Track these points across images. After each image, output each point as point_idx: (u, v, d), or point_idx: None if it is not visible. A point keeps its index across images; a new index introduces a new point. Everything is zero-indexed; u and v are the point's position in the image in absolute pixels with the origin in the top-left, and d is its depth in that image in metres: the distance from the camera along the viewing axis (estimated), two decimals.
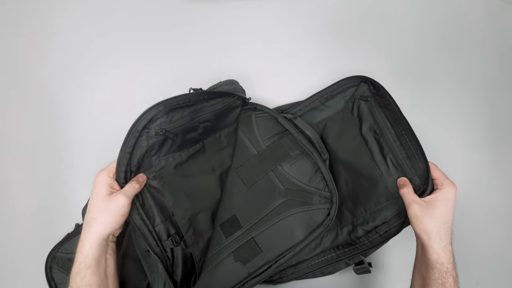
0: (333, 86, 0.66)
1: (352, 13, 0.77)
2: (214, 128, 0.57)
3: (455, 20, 0.77)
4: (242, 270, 0.56)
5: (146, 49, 0.75)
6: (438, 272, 0.44)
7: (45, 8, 0.77)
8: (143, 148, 0.49)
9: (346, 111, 0.64)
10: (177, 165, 0.53)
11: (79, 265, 0.44)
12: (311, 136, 0.61)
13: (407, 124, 0.55)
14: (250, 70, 0.73)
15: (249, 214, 0.58)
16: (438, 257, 0.45)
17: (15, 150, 0.73)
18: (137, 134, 0.48)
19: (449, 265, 0.45)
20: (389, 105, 0.58)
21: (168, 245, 0.51)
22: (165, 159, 0.51)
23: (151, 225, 0.51)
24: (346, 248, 0.60)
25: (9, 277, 0.70)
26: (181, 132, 0.51)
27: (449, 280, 0.44)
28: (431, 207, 0.47)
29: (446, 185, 0.49)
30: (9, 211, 0.71)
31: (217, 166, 0.58)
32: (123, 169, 0.49)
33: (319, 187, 0.60)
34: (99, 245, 0.45)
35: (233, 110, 0.60)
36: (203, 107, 0.53)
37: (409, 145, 0.55)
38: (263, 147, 0.62)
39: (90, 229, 0.45)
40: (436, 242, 0.45)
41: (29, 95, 0.74)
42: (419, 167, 0.54)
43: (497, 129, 0.74)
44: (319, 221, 0.58)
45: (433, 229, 0.45)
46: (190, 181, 0.54)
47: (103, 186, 0.47)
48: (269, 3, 0.76)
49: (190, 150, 0.54)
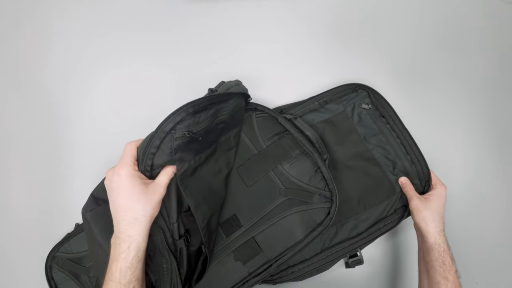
0: (333, 90, 0.68)
1: (352, 13, 0.77)
2: (226, 128, 0.57)
3: (455, 20, 0.77)
4: (242, 269, 0.56)
5: (146, 49, 0.75)
6: (437, 253, 0.55)
7: (45, 8, 0.77)
8: (167, 150, 0.47)
9: (345, 116, 0.67)
10: (197, 167, 0.52)
11: (132, 259, 0.43)
12: (311, 136, 0.62)
13: (409, 134, 0.65)
14: (250, 70, 0.73)
15: (249, 213, 0.59)
16: (435, 240, 0.56)
17: (15, 150, 0.73)
18: (163, 135, 0.46)
19: (445, 245, 0.56)
20: (391, 116, 0.66)
21: (180, 245, 0.52)
22: (188, 163, 0.50)
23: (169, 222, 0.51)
24: (346, 243, 0.62)
25: (9, 277, 0.70)
26: (204, 133, 0.50)
27: (447, 258, 0.55)
28: (428, 201, 0.59)
29: (439, 186, 0.62)
30: (9, 211, 0.71)
31: (224, 167, 0.59)
32: (148, 169, 0.48)
33: (319, 186, 0.60)
34: (147, 237, 0.45)
35: (242, 110, 0.61)
36: (222, 108, 0.53)
37: (413, 152, 0.64)
38: (263, 147, 0.62)
39: (138, 223, 0.44)
40: (432, 228, 0.57)
41: (29, 95, 0.74)
42: (421, 171, 0.64)
43: (497, 129, 0.74)
44: (319, 220, 0.58)
45: (429, 217, 0.57)
46: (205, 183, 0.54)
47: (136, 176, 0.46)
48: (269, 2, 0.76)
49: (208, 152, 0.54)
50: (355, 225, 0.64)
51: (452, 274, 0.54)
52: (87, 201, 0.59)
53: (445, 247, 0.56)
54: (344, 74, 0.74)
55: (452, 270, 0.54)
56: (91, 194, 0.60)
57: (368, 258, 0.67)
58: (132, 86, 0.74)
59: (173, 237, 0.51)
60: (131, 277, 0.43)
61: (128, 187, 0.45)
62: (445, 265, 0.54)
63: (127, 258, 0.43)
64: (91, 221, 0.57)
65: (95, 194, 0.60)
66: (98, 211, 0.59)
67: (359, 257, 0.63)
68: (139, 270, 0.44)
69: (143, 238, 0.44)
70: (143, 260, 0.45)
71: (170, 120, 0.46)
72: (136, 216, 0.44)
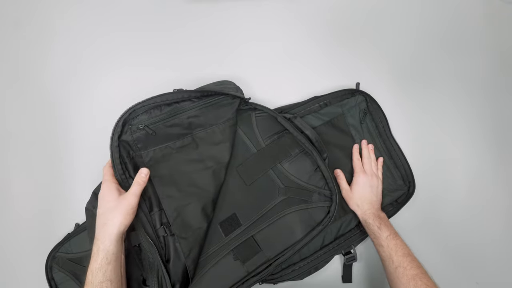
0: (333, 93, 0.71)
1: (353, 13, 0.77)
2: (203, 123, 0.60)
3: (455, 21, 0.77)
4: (241, 268, 0.56)
5: (146, 49, 0.75)
6: (368, 229, 0.62)
7: (45, 8, 0.77)
8: (129, 141, 0.56)
9: (343, 119, 0.70)
10: (164, 156, 0.57)
11: (100, 261, 0.48)
12: (311, 135, 0.62)
13: (395, 140, 0.71)
14: (250, 70, 0.73)
15: (248, 212, 0.59)
16: (363, 219, 0.62)
17: (15, 150, 0.73)
18: (119, 129, 0.55)
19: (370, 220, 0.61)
20: (382, 122, 0.70)
21: (161, 233, 0.55)
22: (153, 151, 0.57)
23: (148, 211, 0.55)
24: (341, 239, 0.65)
25: (10, 277, 0.70)
26: (162, 127, 0.58)
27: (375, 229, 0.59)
28: (352, 191, 0.65)
29: (357, 173, 0.66)
30: (9, 211, 0.71)
31: (210, 161, 0.58)
32: (118, 162, 0.55)
33: (318, 185, 0.60)
34: (117, 241, 0.49)
35: (222, 107, 0.61)
36: (184, 105, 0.59)
37: (397, 157, 0.70)
38: (263, 146, 0.62)
39: (106, 227, 0.49)
40: (359, 211, 0.63)
41: (29, 95, 0.74)
42: (405, 174, 0.69)
43: (497, 128, 0.74)
44: (319, 219, 0.59)
45: (354, 204, 0.64)
46: (181, 173, 0.57)
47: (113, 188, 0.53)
48: (269, 2, 0.76)
49: (177, 143, 0.58)
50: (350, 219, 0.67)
51: (384, 239, 0.58)
52: (90, 199, 0.61)
53: (371, 220, 0.60)
54: (344, 74, 0.74)
55: (383, 236, 0.58)
56: (93, 192, 0.61)
57: (361, 256, 0.68)
58: (132, 86, 0.74)
59: (155, 227, 0.54)
60: (103, 278, 0.47)
61: (105, 197, 0.52)
62: (375, 235, 0.59)
63: (96, 260, 0.48)
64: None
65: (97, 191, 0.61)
66: None
67: (353, 254, 0.65)
68: (109, 271, 0.48)
69: (110, 242, 0.49)
70: (114, 262, 0.49)
71: (123, 116, 0.55)
72: (105, 221, 0.50)
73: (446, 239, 0.70)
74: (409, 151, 0.70)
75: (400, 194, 0.68)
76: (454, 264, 0.69)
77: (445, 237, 0.70)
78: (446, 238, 0.70)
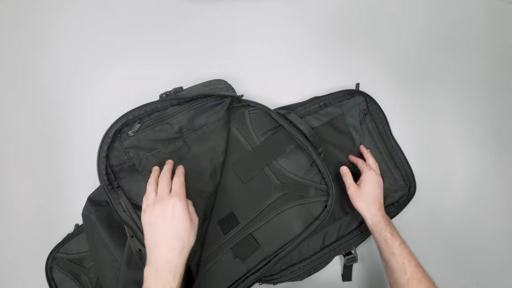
0: (334, 94, 0.70)
1: (353, 14, 0.77)
2: (193, 126, 0.60)
3: (455, 21, 0.77)
4: (241, 266, 0.56)
5: (146, 48, 0.75)
6: (377, 233, 0.57)
7: (45, 8, 0.76)
8: (119, 151, 0.56)
9: (343, 119, 0.70)
10: (158, 162, 0.57)
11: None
12: (305, 130, 0.62)
13: (395, 140, 0.70)
14: (249, 70, 0.73)
15: (246, 210, 0.59)
16: (372, 221, 0.58)
17: (15, 150, 0.73)
18: (109, 140, 0.55)
19: (381, 224, 0.57)
20: (382, 122, 0.70)
21: None
22: (145, 158, 0.57)
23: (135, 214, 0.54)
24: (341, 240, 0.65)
25: (10, 278, 0.70)
26: (152, 133, 0.58)
27: (387, 235, 0.56)
28: (360, 189, 0.60)
29: (365, 171, 0.62)
30: (9, 211, 0.71)
31: (206, 162, 0.59)
32: (104, 172, 0.54)
33: (315, 180, 0.61)
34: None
35: (211, 108, 0.61)
36: (173, 110, 0.59)
37: (397, 157, 0.69)
38: (257, 143, 0.62)
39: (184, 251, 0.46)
40: (367, 212, 0.59)
41: (29, 95, 0.74)
42: (405, 174, 0.69)
43: (497, 128, 0.74)
44: (316, 214, 0.59)
45: (363, 204, 0.59)
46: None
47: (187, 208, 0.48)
48: (269, 3, 0.76)
49: (169, 148, 0.58)
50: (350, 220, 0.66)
51: (396, 247, 0.55)
52: (86, 204, 0.60)
53: (382, 225, 0.57)
54: (344, 74, 0.74)
55: (396, 243, 0.55)
56: (88, 198, 0.61)
57: (362, 256, 0.68)
58: (132, 86, 0.74)
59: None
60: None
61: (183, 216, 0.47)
62: (387, 242, 0.55)
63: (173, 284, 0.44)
64: (97, 221, 0.59)
65: (93, 197, 0.61)
66: (102, 212, 0.60)
67: (354, 254, 0.65)
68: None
69: (184, 267, 0.46)
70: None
71: (113, 127, 0.55)
72: (183, 244, 0.46)
73: (446, 239, 0.70)
74: (409, 151, 0.70)
75: (401, 194, 0.68)
76: (454, 264, 0.69)
77: (445, 237, 0.70)
78: (446, 238, 0.70)
